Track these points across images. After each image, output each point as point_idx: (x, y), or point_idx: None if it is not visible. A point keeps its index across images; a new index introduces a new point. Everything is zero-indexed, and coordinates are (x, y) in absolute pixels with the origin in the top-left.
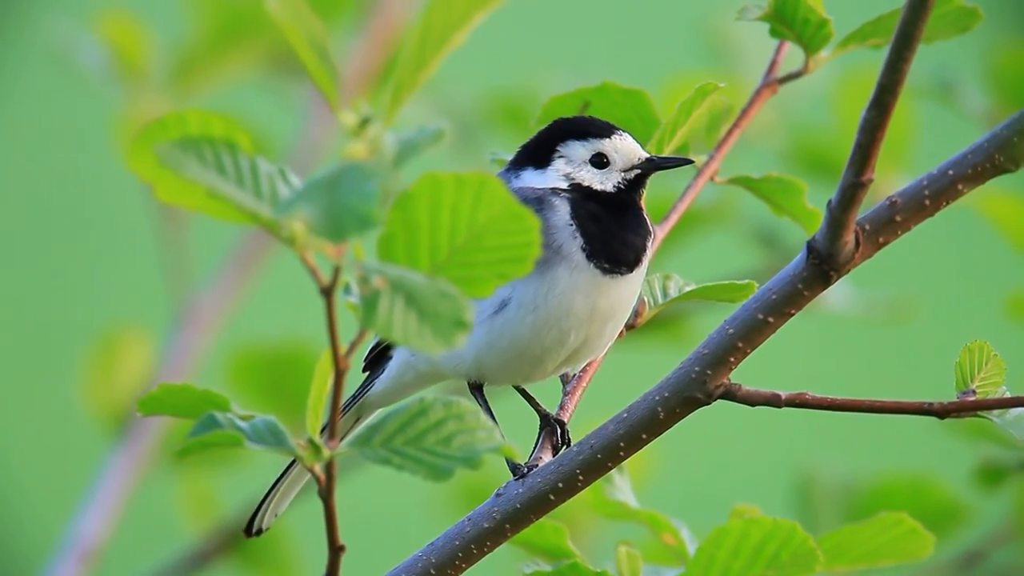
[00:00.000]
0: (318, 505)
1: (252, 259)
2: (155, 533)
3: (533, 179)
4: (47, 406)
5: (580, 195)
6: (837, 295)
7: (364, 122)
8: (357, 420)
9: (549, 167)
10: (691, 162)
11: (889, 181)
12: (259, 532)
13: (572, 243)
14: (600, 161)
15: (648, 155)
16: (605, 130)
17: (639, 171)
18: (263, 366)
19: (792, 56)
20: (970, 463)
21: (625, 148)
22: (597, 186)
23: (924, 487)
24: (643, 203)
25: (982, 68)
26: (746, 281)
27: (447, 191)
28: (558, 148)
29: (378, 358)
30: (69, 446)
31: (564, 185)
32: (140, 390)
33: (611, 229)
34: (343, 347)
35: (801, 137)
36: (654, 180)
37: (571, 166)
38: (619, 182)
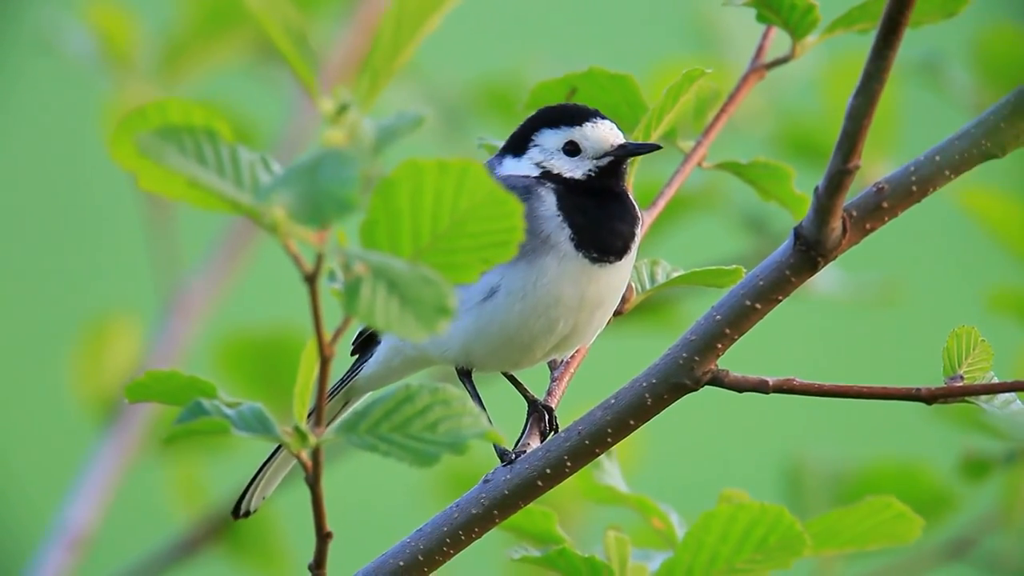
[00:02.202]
0: (305, 492)
1: (240, 246)
2: (144, 520)
3: (511, 168)
4: (36, 394)
5: (564, 185)
6: (824, 279)
7: (342, 109)
8: (345, 405)
9: (524, 156)
10: (660, 147)
11: (875, 167)
12: (246, 514)
13: (560, 233)
14: (572, 149)
15: (623, 141)
16: (578, 117)
17: (611, 158)
18: (251, 353)
19: (779, 41)
20: (958, 450)
21: (596, 135)
22: (567, 174)
23: (913, 473)
24: (630, 189)
25: (968, 52)
26: (734, 267)
27: (429, 177)
28: (533, 138)
29: (366, 342)
30: (58, 433)
31: (536, 173)
32: (128, 377)
33: (598, 218)
34: (328, 334)
35: (788, 122)
36: (641, 166)
37: (544, 155)
38: (590, 169)
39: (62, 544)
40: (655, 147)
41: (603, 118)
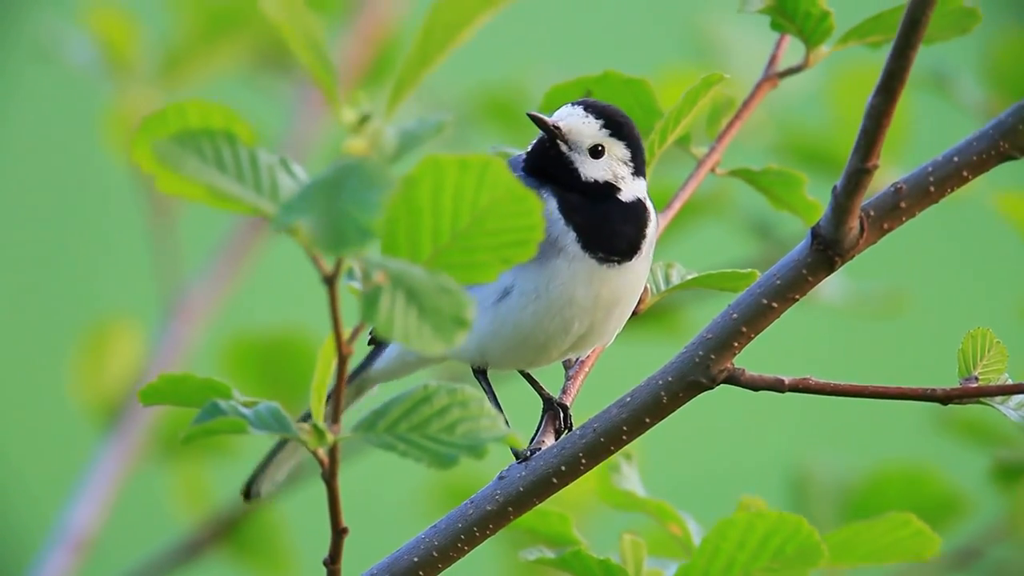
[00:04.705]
0: (313, 493)
1: (242, 250)
2: (147, 523)
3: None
4: (38, 397)
5: (562, 189)
6: (829, 287)
7: (364, 118)
8: (358, 394)
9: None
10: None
11: (885, 170)
12: (258, 495)
13: (567, 236)
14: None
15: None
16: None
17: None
18: (253, 356)
19: (786, 52)
20: (968, 457)
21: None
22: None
23: (920, 479)
24: (643, 191)
25: (978, 59)
26: (748, 270)
27: (450, 174)
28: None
29: None
30: (60, 437)
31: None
32: (131, 381)
33: (596, 219)
34: (345, 333)
35: (790, 130)
36: (656, 171)
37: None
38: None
39: (65, 546)
40: (539, 120)
41: (564, 109)
